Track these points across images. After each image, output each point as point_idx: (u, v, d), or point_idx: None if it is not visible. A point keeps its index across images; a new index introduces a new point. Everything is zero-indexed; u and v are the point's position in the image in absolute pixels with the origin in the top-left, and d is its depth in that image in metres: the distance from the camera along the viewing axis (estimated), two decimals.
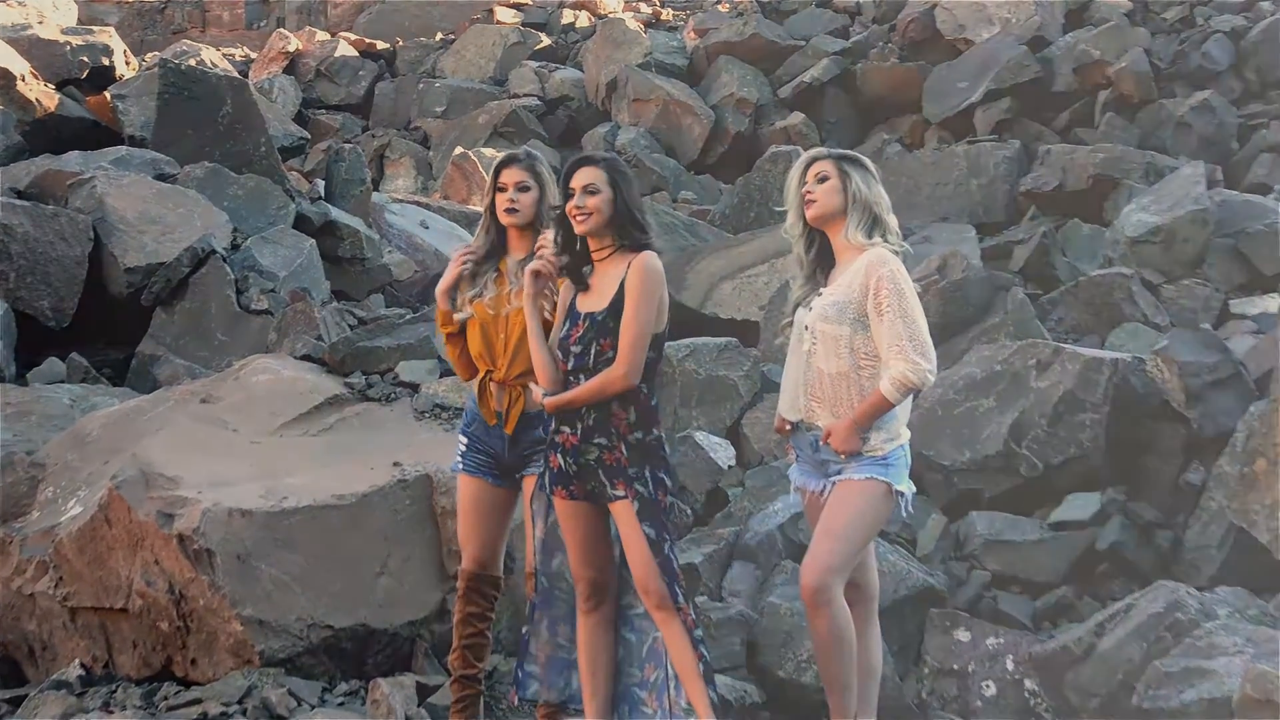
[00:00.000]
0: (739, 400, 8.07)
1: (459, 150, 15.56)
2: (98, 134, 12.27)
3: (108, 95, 12.82)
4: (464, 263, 5.40)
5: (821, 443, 5.00)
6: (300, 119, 18.33)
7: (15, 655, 6.69)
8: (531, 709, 5.45)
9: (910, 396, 4.99)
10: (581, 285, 5.02)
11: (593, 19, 20.44)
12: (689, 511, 7.15)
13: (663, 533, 4.87)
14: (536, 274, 5.03)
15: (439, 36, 20.83)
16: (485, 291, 5.34)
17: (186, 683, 6.08)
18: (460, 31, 20.61)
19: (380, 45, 20.61)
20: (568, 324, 5.01)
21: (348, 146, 13.74)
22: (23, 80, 12.09)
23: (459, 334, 5.40)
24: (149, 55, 17.31)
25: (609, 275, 4.97)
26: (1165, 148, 12.09)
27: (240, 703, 5.77)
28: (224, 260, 10.21)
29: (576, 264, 5.04)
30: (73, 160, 11.04)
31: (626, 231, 4.97)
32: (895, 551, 6.55)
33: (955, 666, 6.18)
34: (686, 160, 16.29)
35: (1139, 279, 9.00)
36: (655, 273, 4.91)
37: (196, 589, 5.96)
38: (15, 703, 6.10)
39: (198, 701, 5.83)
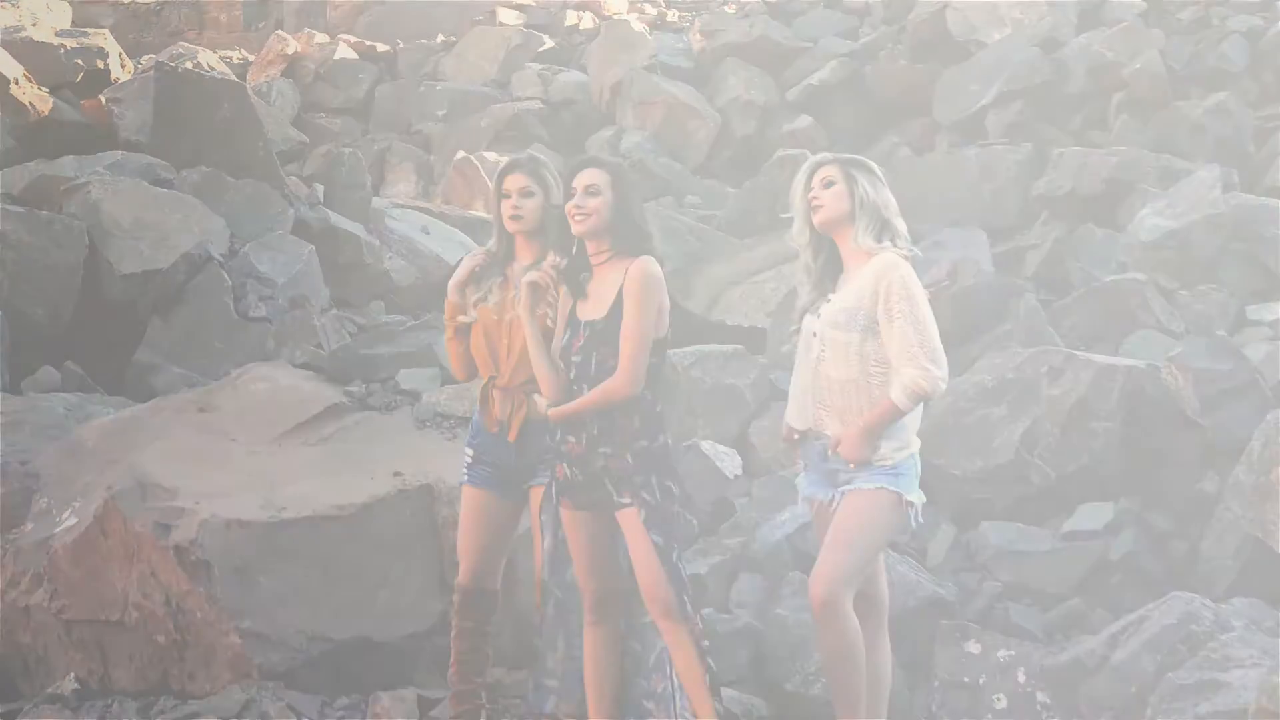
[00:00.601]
0: (746, 409, 7.97)
1: (461, 154, 15.46)
2: (93, 138, 12.17)
3: (103, 99, 12.73)
4: (479, 261, 5.36)
5: (830, 451, 4.95)
6: (299, 123, 18.21)
7: (9, 669, 6.64)
8: None
9: (921, 404, 4.94)
10: (579, 292, 4.97)
11: (597, 20, 20.35)
12: (694, 522, 7.07)
13: (670, 541, 4.86)
14: (534, 285, 4.98)
15: (440, 39, 20.72)
16: (490, 296, 5.32)
17: (184, 697, 6.05)
18: (462, 33, 20.53)
19: (380, 47, 20.48)
20: (569, 333, 4.97)
21: (347, 151, 13.67)
22: (16, 84, 12.00)
23: (463, 333, 5.35)
24: (145, 58, 17.20)
25: (607, 281, 4.93)
26: (1180, 151, 11.97)
27: (238, 717, 5.76)
28: (221, 267, 10.14)
29: (574, 268, 4.99)
30: (67, 165, 10.98)
31: (625, 237, 4.93)
32: (905, 562, 6.48)
33: (966, 679, 6.11)
34: (692, 164, 16.18)
35: (1153, 285, 8.88)
36: (653, 278, 4.87)
37: (194, 601, 5.95)
38: (9, 717, 6.08)
39: (195, 716, 5.83)
